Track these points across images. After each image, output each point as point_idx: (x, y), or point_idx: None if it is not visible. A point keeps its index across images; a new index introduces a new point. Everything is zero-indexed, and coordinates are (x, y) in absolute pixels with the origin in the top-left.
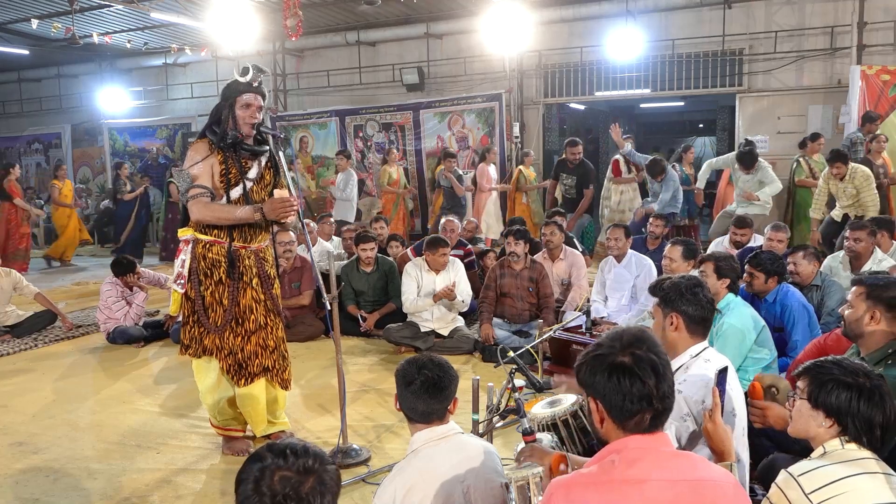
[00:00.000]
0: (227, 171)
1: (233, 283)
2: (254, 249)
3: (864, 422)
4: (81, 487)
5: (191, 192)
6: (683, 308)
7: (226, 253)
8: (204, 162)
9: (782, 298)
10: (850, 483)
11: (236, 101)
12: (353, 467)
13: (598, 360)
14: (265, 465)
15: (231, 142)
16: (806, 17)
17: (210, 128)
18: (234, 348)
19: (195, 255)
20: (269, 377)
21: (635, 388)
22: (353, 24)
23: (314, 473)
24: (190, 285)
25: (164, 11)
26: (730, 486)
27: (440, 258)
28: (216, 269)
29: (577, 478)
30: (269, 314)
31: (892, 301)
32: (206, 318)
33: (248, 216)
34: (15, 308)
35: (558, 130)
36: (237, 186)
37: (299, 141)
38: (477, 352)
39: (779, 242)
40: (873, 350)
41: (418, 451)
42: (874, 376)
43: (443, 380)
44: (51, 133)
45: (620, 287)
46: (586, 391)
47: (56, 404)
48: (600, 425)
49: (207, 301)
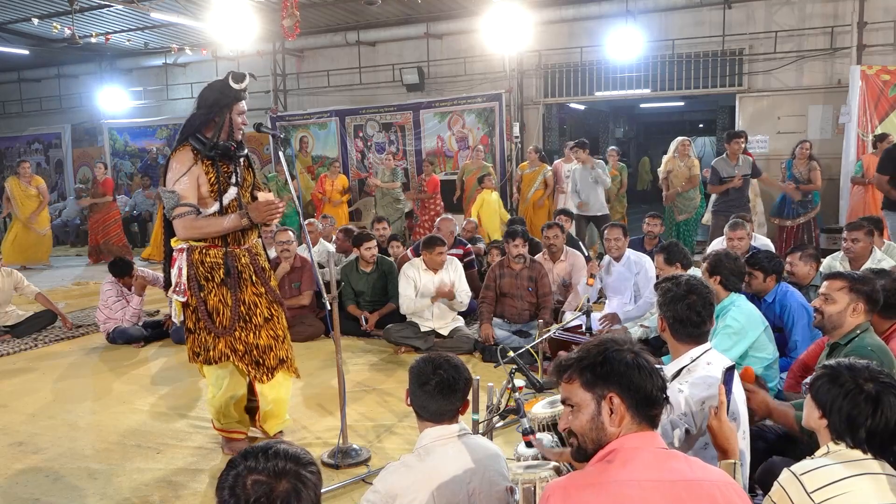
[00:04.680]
0: (218, 178)
1: (233, 283)
2: (247, 248)
3: (845, 421)
4: (81, 487)
5: (176, 211)
6: (668, 314)
7: (223, 256)
8: (189, 174)
9: (781, 298)
10: (851, 483)
11: (233, 108)
12: (353, 467)
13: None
14: (238, 471)
15: (223, 150)
16: (806, 17)
17: (194, 135)
18: (249, 346)
19: (192, 262)
20: (286, 368)
21: (656, 378)
22: (353, 24)
23: (287, 475)
24: (190, 293)
25: (164, 11)
26: (728, 486)
27: (437, 257)
28: (215, 271)
29: (575, 479)
30: (272, 305)
31: (871, 294)
32: (211, 323)
33: (237, 224)
34: (15, 308)
35: (558, 130)
36: (228, 191)
37: (299, 141)
38: (477, 352)
39: (739, 240)
40: (844, 335)
41: (426, 447)
42: (883, 381)
43: (457, 382)
44: (51, 133)
45: (622, 286)
46: (603, 388)
47: (56, 404)
48: (617, 423)
49: (211, 305)
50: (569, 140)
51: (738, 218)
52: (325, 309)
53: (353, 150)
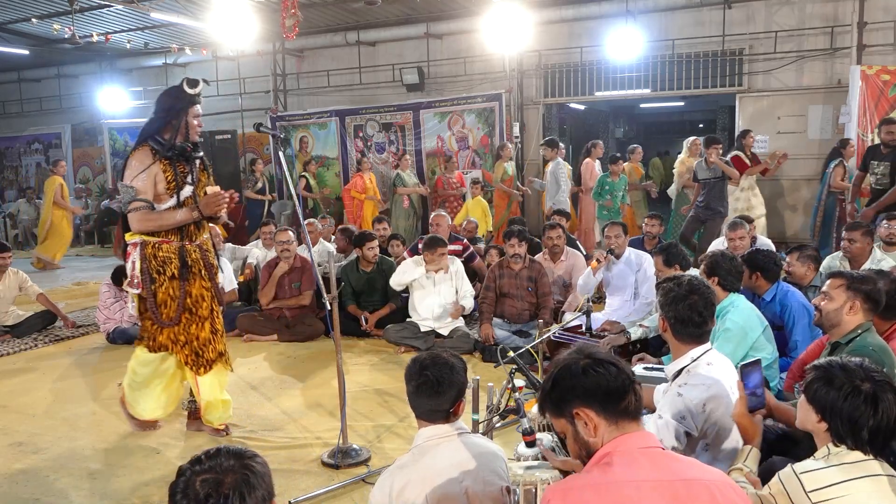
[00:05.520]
0: (176, 177)
1: (183, 277)
2: (197, 244)
3: (847, 422)
4: (81, 487)
5: (132, 205)
6: (670, 314)
7: (175, 250)
8: (147, 172)
9: (782, 298)
10: (851, 486)
11: (189, 111)
12: (353, 467)
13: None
14: (187, 477)
15: (180, 151)
16: (806, 17)
17: (153, 137)
18: (191, 337)
19: (145, 256)
20: (224, 361)
21: (608, 368)
22: (353, 24)
23: (232, 470)
24: (143, 285)
25: (164, 11)
26: (726, 485)
27: (439, 258)
28: (168, 265)
29: (573, 481)
30: (213, 301)
31: (870, 293)
32: (158, 315)
33: (188, 217)
34: (15, 308)
35: (558, 130)
36: (184, 189)
37: (299, 141)
38: (477, 352)
39: (740, 240)
40: (844, 334)
41: (420, 447)
42: (878, 379)
43: (442, 384)
44: (51, 133)
45: (624, 284)
46: (566, 408)
47: (56, 404)
48: (593, 432)
49: (160, 298)
50: (569, 140)
51: (738, 218)
52: (325, 309)
53: (352, 150)
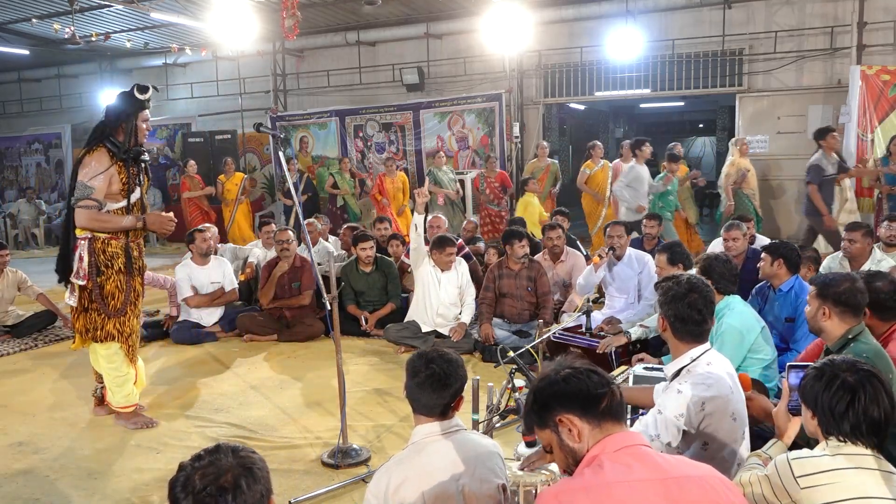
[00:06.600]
0: (129, 179)
1: (128, 272)
2: (137, 243)
3: (828, 412)
4: (81, 487)
5: (83, 203)
6: (669, 312)
7: (122, 247)
8: (105, 173)
9: (798, 290)
10: (839, 475)
11: (139, 115)
12: (353, 467)
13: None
14: (187, 472)
15: (135, 154)
16: (806, 17)
17: (108, 138)
18: (132, 329)
19: (93, 250)
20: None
21: (584, 373)
22: (353, 24)
23: (231, 465)
24: (89, 277)
25: (164, 11)
26: (717, 480)
27: (446, 258)
28: (115, 259)
29: (566, 484)
30: (139, 299)
31: (838, 297)
32: (105, 305)
33: (132, 225)
34: (15, 308)
35: (558, 130)
36: (135, 191)
37: (299, 141)
38: (477, 352)
39: (734, 241)
40: (835, 340)
41: (417, 444)
42: (863, 372)
43: (449, 377)
44: (51, 133)
45: (626, 285)
46: (549, 418)
47: (56, 404)
48: (578, 438)
49: (108, 290)
50: (569, 140)
51: (735, 219)
52: (325, 309)
53: (353, 150)
